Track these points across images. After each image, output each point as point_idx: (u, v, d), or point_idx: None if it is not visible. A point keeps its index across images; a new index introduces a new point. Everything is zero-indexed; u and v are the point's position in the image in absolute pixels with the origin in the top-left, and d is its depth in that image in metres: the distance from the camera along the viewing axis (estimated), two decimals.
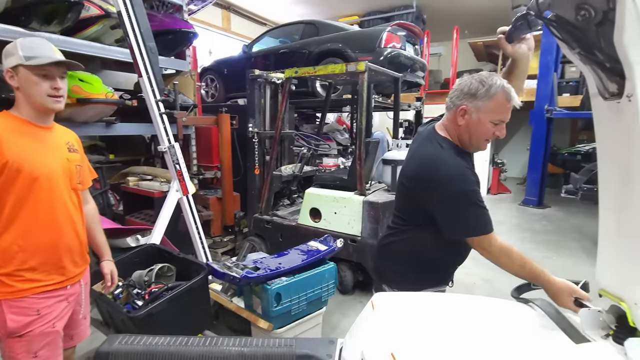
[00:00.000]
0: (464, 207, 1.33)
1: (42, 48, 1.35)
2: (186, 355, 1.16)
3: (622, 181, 0.93)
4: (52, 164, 1.39)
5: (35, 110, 1.36)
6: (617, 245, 1.02)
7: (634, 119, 0.80)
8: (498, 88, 1.28)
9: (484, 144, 1.40)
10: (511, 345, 0.94)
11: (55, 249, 1.38)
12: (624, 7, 0.70)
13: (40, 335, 1.34)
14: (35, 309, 1.33)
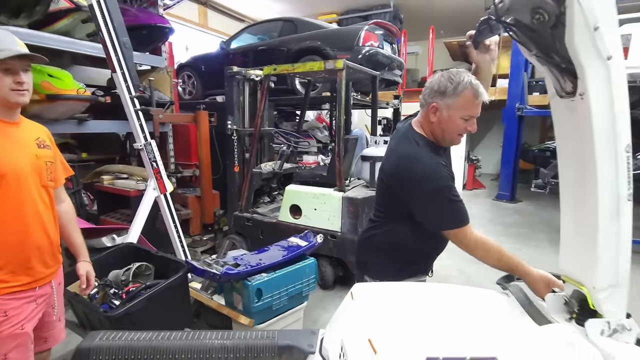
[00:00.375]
0: (439, 202, 1.40)
1: (4, 41, 1.30)
2: (169, 349, 1.17)
3: (578, 178, 1.01)
4: (20, 160, 1.35)
5: (1, 105, 1.33)
6: (576, 237, 1.10)
7: (586, 116, 0.88)
8: (466, 85, 1.34)
9: (457, 138, 1.46)
10: (478, 328, 1.01)
11: (22, 249, 1.35)
12: (573, 12, 0.77)
13: (8, 337, 1.32)
14: (2, 310, 1.31)
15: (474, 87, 1.34)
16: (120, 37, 2.53)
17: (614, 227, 0.97)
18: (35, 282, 1.39)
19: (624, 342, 1.04)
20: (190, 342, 1.21)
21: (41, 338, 1.49)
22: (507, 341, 0.94)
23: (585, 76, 0.83)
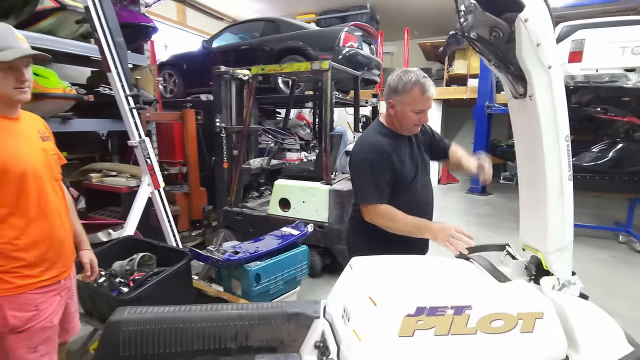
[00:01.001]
0: (358, 175, 1.66)
1: (6, 38, 1.25)
2: (192, 318, 1.34)
3: (531, 164, 1.26)
4: (33, 157, 1.34)
5: (1, 102, 1.29)
6: (531, 212, 1.35)
7: (534, 113, 1.12)
8: (413, 83, 1.51)
9: (413, 128, 1.65)
10: (456, 286, 1.24)
11: (48, 244, 1.36)
12: (520, 32, 1.00)
13: (40, 330, 1.34)
14: (34, 304, 1.32)
15: (421, 84, 1.51)
16: (115, 38, 2.62)
17: (559, 202, 1.22)
18: (60, 275, 1.41)
19: (570, 294, 1.30)
20: (210, 313, 1.38)
21: (63, 329, 1.51)
22: (478, 294, 1.17)
23: (532, 81, 1.07)
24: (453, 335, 1.06)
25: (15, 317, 1.27)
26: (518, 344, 1.11)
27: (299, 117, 7.73)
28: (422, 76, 1.54)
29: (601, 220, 5.23)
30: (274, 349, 1.39)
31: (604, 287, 3.21)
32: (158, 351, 1.31)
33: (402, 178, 1.65)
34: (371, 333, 1.06)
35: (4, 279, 1.26)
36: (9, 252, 1.27)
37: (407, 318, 1.05)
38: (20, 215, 1.29)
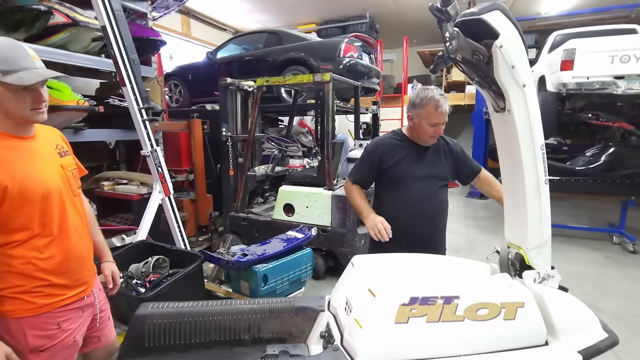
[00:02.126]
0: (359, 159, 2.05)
1: (22, 58, 1.17)
2: (209, 312, 1.49)
3: (512, 170, 1.41)
4: (53, 177, 1.29)
5: (16, 123, 1.22)
6: (513, 213, 1.50)
7: (513, 125, 1.27)
8: (429, 100, 1.76)
9: (429, 139, 1.88)
10: (447, 279, 1.39)
11: (70, 262, 1.33)
12: (497, 56, 1.16)
13: (62, 348, 1.31)
14: (56, 323, 1.29)
15: (436, 101, 1.75)
16: (130, 55, 2.79)
17: (537, 203, 1.37)
18: (82, 292, 1.39)
19: (550, 286, 1.44)
20: (225, 307, 1.52)
21: (94, 337, 1.51)
22: (466, 285, 1.31)
23: (509, 98, 1.22)
24: (443, 322, 1.20)
25: (36, 337, 1.24)
26: (501, 330, 1.25)
27: (300, 124, 7.91)
28: (439, 94, 1.77)
29: (596, 222, 5.36)
30: (283, 340, 1.53)
31: (596, 286, 3.33)
32: (179, 342, 1.45)
33: (395, 174, 1.92)
34: (370, 320, 1.20)
35: (25, 300, 1.22)
36: (30, 272, 1.23)
37: (402, 307, 1.19)
38: (42, 236, 1.25)
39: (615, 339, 1.38)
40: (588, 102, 4.86)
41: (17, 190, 1.17)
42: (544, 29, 8.16)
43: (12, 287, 1.20)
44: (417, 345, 1.19)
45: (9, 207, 1.17)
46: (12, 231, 1.20)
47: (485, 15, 1.18)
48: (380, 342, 1.18)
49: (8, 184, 1.15)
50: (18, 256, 1.21)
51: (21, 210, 1.20)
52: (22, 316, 1.22)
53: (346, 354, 1.21)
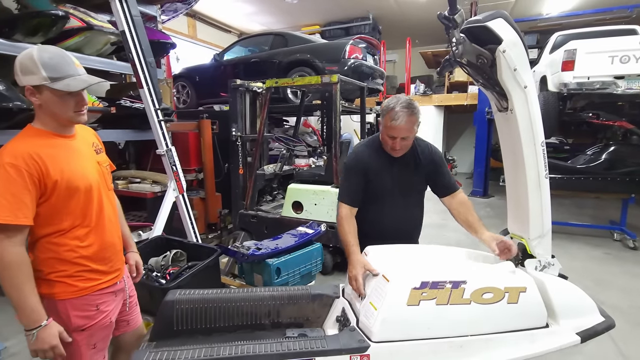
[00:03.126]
0: (342, 176, 1.95)
1: (68, 65, 1.28)
2: (232, 299, 1.60)
3: (514, 165, 1.52)
4: (92, 173, 1.40)
5: (60, 124, 1.34)
6: (516, 206, 1.61)
7: (515, 124, 1.38)
8: (388, 110, 1.64)
9: (391, 151, 1.77)
10: (455, 267, 1.49)
11: (106, 250, 1.44)
12: (500, 59, 1.27)
13: (99, 328, 1.42)
14: (94, 305, 1.40)
15: (392, 112, 1.63)
16: (147, 58, 2.91)
17: (538, 197, 1.48)
18: (116, 278, 1.50)
19: (550, 274, 1.55)
20: (247, 294, 1.64)
21: (124, 321, 1.61)
22: (472, 271, 1.41)
23: (512, 98, 1.33)
24: (451, 304, 1.31)
25: (78, 317, 1.35)
26: (505, 312, 1.36)
27: (304, 124, 8.03)
28: (401, 105, 1.63)
29: (598, 220, 5.44)
30: (300, 325, 1.64)
31: (597, 280, 3.42)
32: (205, 326, 1.56)
33: (375, 189, 1.83)
34: (385, 303, 1.31)
35: (68, 283, 1.33)
36: (72, 259, 1.34)
37: (413, 290, 1.30)
38: (83, 226, 1.36)
39: (611, 323, 1.49)
40: (589, 101, 4.95)
41: (65, 184, 1.29)
42: (545, 30, 8.25)
43: (58, 272, 1.32)
44: (427, 326, 1.30)
45: (57, 199, 1.29)
46: (58, 221, 1.31)
47: (489, 22, 1.29)
48: (393, 323, 1.29)
49: (58, 178, 1.27)
50: (63, 244, 1.33)
51: (67, 202, 1.31)
52: (66, 298, 1.33)
53: (362, 333, 1.32)
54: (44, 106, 1.29)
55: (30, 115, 1.40)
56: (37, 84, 1.24)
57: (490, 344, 1.32)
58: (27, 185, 1.21)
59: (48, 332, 1.24)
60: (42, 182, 1.25)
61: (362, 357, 1.23)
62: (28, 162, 1.22)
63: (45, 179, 1.25)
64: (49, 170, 1.25)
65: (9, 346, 2.52)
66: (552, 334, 1.39)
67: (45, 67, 1.23)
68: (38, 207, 1.26)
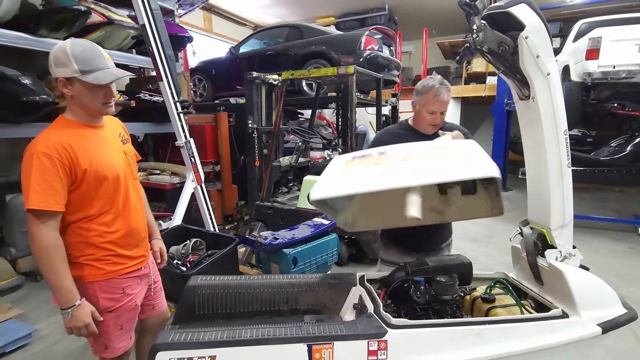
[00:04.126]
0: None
1: (98, 59, 1.33)
2: (252, 285, 1.64)
3: (535, 153, 1.49)
4: (119, 162, 1.46)
5: (89, 114, 1.40)
6: (537, 195, 1.58)
7: (537, 112, 1.35)
8: (429, 87, 1.78)
9: (428, 127, 1.88)
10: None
11: (132, 236, 1.50)
12: (522, 46, 1.25)
13: (125, 310, 1.49)
14: (120, 288, 1.47)
15: (434, 89, 1.77)
16: (166, 51, 2.96)
17: (560, 186, 1.45)
18: (141, 263, 1.56)
19: (572, 264, 1.52)
20: (266, 281, 1.67)
21: (149, 305, 1.69)
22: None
23: (534, 86, 1.31)
24: (381, 165, 1.30)
25: (106, 299, 1.43)
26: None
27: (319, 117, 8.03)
28: (439, 83, 1.79)
29: (621, 214, 5.28)
30: (318, 312, 1.66)
31: (620, 275, 3.34)
32: (225, 311, 1.61)
33: None
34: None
35: (95, 266, 1.40)
36: (99, 243, 1.40)
37: (345, 163, 1.37)
38: (110, 213, 1.43)
39: (634, 314, 1.46)
40: (614, 91, 4.78)
41: (94, 172, 1.35)
42: (568, 18, 7.96)
43: (86, 255, 1.39)
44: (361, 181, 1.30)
45: (87, 187, 1.35)
46: (87, 208, 1.38)
47: (511, 8, 1.26)
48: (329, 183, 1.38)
49: (87, 167, 1.33)
50: (91, 229, 1.39)
51: (96, 190, 1.37)
52: (94, 280, 1.41)
53: (380, 320, 1.34)
54: (75, 97, 1.34)
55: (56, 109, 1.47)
56: (69, 76, 1.30)
57: (508, 333, 1.32)
58: (59, 174, 1.27)
59: (82, 311, 1.32)
60: (73, 171, 1.31)
61: (380, 342, 1.25)
62: (60, 151, 1.28)
63: (75, 168, 1.31)
64: (79, 159, 1.31)
65: (39, 329, 2.65)
66: (572, 325, 1.38)
67: (76, 60, 1.28)
68: (69, 195, 1.32)
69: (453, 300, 1.46)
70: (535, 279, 1.60)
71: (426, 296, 1.49)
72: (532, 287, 1.63)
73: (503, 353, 1.29)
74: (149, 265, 1.66)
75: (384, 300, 1.57)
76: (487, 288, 1.59)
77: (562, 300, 1.46)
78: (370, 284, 1.65)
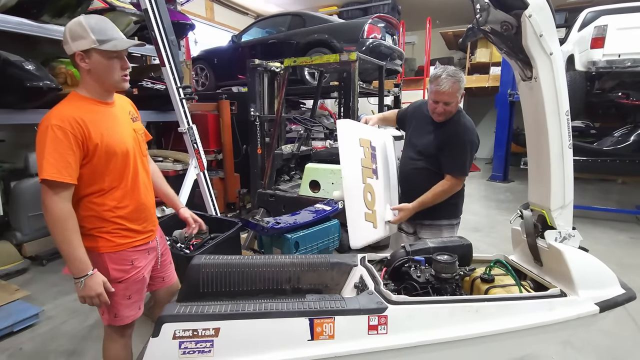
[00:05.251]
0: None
1: (112, 29, 1.37)
2: (255, 264, 1.67)
3: (537, 135, 1.50)
4: (128, 138, 1.49)
5: (104, 89, 1.42)
6: (537, 177, 1.59)
7: (539, 92, 1.36)
8: (435, 76, 1.86)
9: (434, 115, 1.97)
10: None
11: (140, 211, 1.55)
12: (526, 25, 1.25)
13: (133, 282, 1.54)
14: (129, 260, 1.51)
15: (438, 78, 1.84)
16: (169, 36, 2.96)
17: (560, 167, 1.46)
18: (149, 237, 1.61)
19: (571, 245, 1.54)
20: (269, 260, 1.70)
21: (159, 277, 1.75)
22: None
23: (536, 65, 1.31)
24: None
25: (115, 270, 1.48)
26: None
27: (321, 107, 8.01)
28: (447, 73, 1.82)
29: (623, 205, 5.28)
30: (320, 291, 1.69)
31: (621, 264, 3.36)
32: (229, 289, 1.64)
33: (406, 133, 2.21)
34: None
35: (106, 238, 1.45)
36: (109, 218, 1.45)
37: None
38: (119, 188, 1.47)
39: (632, 295, 1.49)
40: (619, 81, 4.74)
41: (105, 148, 1.38)
42: (574, 7, 7.85)
43: (98, 228, 1.44)
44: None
45: (98, 161, 1.38)
46: (100, 182, 1.42)
47: None
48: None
49: (98, 142, 1.36)
50: (102, 204, 1.44)
51: (106, 165, 1.41)
52: (105, 252, 1.46)
53: (380, 296, 1.37)
54: (92, 71, 1.36)
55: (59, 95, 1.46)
56: (87, 48, 1.32)
57: (506, 310, 1.34)
58: (71, 147, 1.30)
59: (94, 280, 1.36)
60: (85, 145, 1.34)
61: (380, 317, 1.28)
62: (73, 125, 1.30)
63: (87, 142, 1.34)
64: (90, 134, 1.34)
65: (45, 310, 2.70)
66: (570, 303, 1.40)
67: (93, 30, 1.31)
68: (81, 169, 1.36)
69: (452, 279, 1.48)
70: (535, 260, 1.62)
71: (426, 275, 1.51)
72: (532, 269, 1.65)
73: (501, 329, 1.32)
74: (157, 239, 1.70)
75: (385, 279, 1.59)
76: (487, 268, 1.62)
77: (560, 280, 1.49)
78: (371, 265, 1.68)
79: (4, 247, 3.34)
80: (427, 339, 1.27)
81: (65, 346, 2.33)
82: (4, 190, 3.68)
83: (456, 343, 1.28)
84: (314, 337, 1.23)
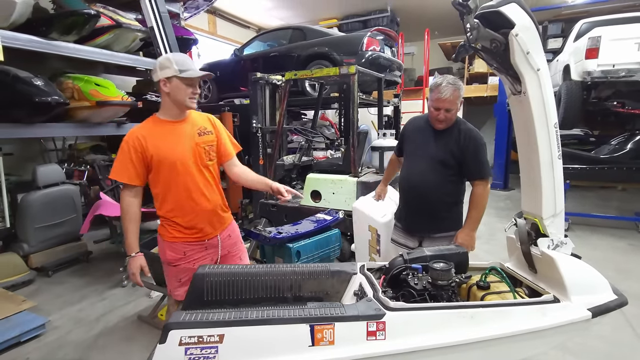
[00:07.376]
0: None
1: (189, 62, 1.74)
2: (257, 273, 1.72)
3: (527, 146, 1.56)
4: (184, 151, 1.75)
5: (178, 109, 1.76)
6: (529, 186, 1.65)
7: (528, 106, 1.43)
8: (436, 85, 1.95)
9: (436, 123, 2.05)
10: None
11: (194, 215, 1.82)
12: (513, 43, 1.32)
13: (184, 269, 1.84)
14: (182, 251, 1.84)
15: (439, 86, 1.93)
16: (174, 52, 3.06)
17: (551, 176, 1.52)
18: (205, 236, 1.87)
19: (563, 252, 1.59)
20: (271, 269, 1.75)
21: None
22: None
23: (525, 81, 1.38)
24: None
25: (170, 255, 1.83)
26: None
27: (322, 117, 8.11)
28: (447, 81, 1.93)
29: (624, 212, 5.31)
30: (320, 299, 1.74)
31: (619, 270, 3.38)
32: (232, 297, 1.69)
33: (406, 147, 2.25)
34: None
35: (167, 230, 1.83)
36: (169, 217, 1.81)
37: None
38: (172, 195, 1.77)
39: (624, 300, 1.52)
40: (614, 90, 4.82)
41: (157, 157, 1.71)
42: (570, 18, 7.98)
43: (165, 220, 1.83)
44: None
45: (156, 169, 1.73)
46: (157, 186, 1.77)
47: (502, 7, 1.34)
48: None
49: (153, 153, 1.70)
50: (160, 206, 1.81)
51: (159, 173, 1.74)
52: (165, 240, 1.83)
53: (378, 303, 1.41)
54: (171, 93, 1.70)
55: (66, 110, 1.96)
56: (170, 76, 1.68)
57: (501, 316, 1.39)
58: (131, 156, 1.68)
59: (133, 262, 1.77)
60: (143, 155, 1.69)
61: (379, 323, 1.32)
62: (135, 140, 1.69)
63: (145, 153, 1.69)
64: (148, 146, 1.69)
65: (52, 320, 2.75)
66: (563, 309, 1.44)
67: (176, 63, 1.68)
68: (149, 174, 1.74)
69: (449, 286, 1.53)
70: (529, 268, 1.67)
71: (423, 282, 1.56)
72: (527, 275, 1.70)
73: (496, 334, 1.36)
74: (219, 238, 1.94)
75: (383, 287, 1.64)
76: (482, 275, 1.66)
77: (554, 286, 1.53)
78: (370, 273, 1.73)
79: (10, 258, 3.40)
80: (424, 344, 1.31)
81: (71, 355, 2.37)
82: (11, 202, 3.75)
83: (452, 348, 1.33)
84: (315, 343, 1.28)
